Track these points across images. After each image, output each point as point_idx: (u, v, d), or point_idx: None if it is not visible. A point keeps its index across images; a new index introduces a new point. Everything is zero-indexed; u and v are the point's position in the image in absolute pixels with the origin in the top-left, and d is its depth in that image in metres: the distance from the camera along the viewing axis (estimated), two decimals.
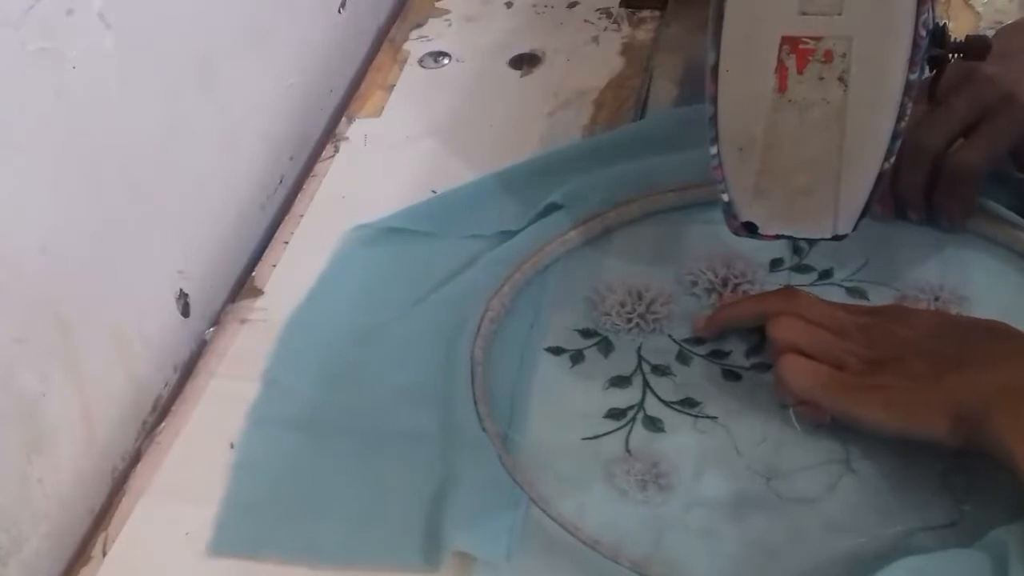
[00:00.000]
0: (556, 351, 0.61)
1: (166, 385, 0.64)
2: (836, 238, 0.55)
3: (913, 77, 0.49)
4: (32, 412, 0.53)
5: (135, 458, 0.60)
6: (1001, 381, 0.49)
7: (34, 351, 0.53)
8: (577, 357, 0.60)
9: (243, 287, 0.68)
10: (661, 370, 0.59)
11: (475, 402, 0.56)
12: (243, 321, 0.65)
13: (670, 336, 0.61)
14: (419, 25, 0.86)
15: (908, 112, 0.50)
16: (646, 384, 0.59)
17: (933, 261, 0.63)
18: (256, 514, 0.54)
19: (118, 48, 0.57)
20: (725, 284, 0.63)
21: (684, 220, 0.67)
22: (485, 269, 0.64)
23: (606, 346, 0.61)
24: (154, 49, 0.60)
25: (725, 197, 0.55)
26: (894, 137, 0.51)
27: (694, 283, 0.63)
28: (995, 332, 0.53)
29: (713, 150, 0.53)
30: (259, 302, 0.66)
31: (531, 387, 0.59)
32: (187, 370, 0.65)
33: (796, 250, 0.64)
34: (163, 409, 0.63)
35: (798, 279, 0.63)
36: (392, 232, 0.68)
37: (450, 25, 0.86)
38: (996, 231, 0.64)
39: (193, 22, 0.64)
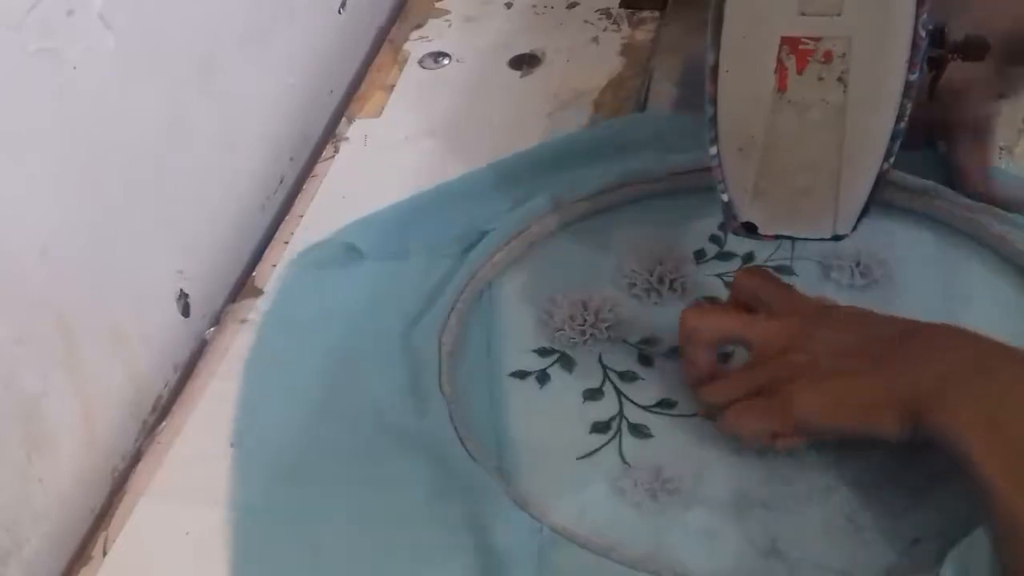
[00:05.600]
0: (520, 375, 0.60)
1: (166, 385, 0.64)
2: (836, 238, 0.55)
3: (912, 77, 0.49)
4: (32, 412, 0.53)
5: (135, 458, 0.60)
6: (940, 373, 0.49)
7: (34, 351, 0.53)
8: (543, 377, 0.60)
9: (243, 287, 0.68)
10: (628, 376, 0.59)
11: (462, 442, 0.55)
12: (243, 321, 0.65)
13: (625, 341, 0.61)
14: (419, 25, 0.87)
15: (907, 112, 0.50)
16: (619, 392, 0.59)
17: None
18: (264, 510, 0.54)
19: (118, 48, 0.57)
20: (662, 281, 0.64)
21: (600, 227, 0.68)
22: (428, 304, 0.62)
23: (567, 362, 0.61)
24: (154, 49, 0.60)
25: (725, 197, 0.55)
26: (893, 137, 0.51)
27: (632, 284, 0.64)
28: (918, 329, 0.53)
29: (713, 150, 0.53)
30: (259, 302, 0.66)
31: (507, 416, 0.58)
32: (187, 370, 0.65)
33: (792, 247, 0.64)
34: (163, 409, 0.63)
35: (723, 267, 0.64)
36: (334, 253, 0.67)
37: (450, 25, 0.86)
38: (912, 201, 0.65)
39: (193, 22, 0.64)
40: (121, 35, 0.57)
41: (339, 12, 0.83)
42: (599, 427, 0.57)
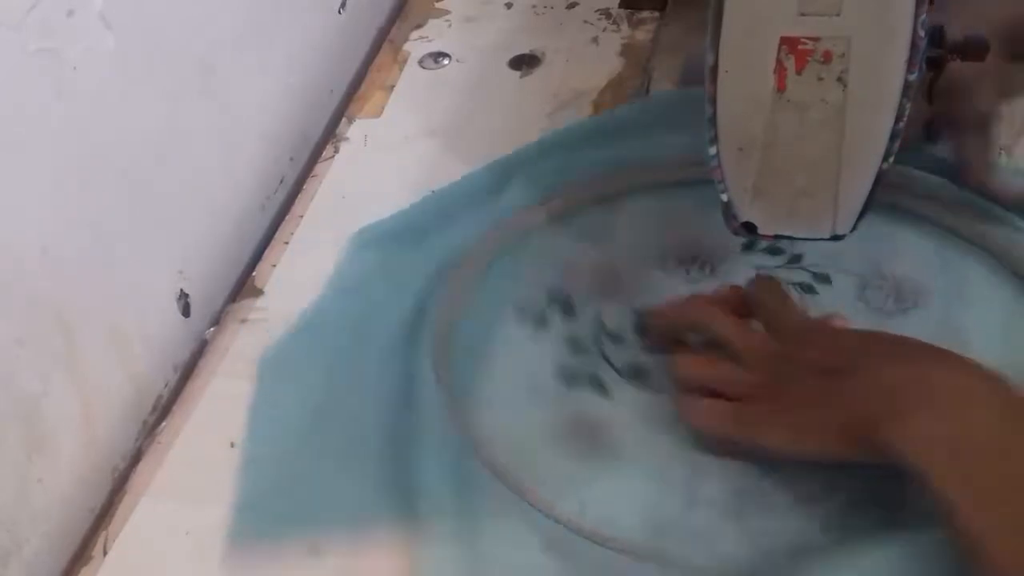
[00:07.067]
0: (522, 309, 0.63)
1: (166, 385, 0.65)
2: (835, 238, 0.55)
3: (912, 77, 0.49)
4: (32, 412, 0.53)
5: (135, 458, 0.60)
6: (883, 386, 0.49)
7: (34, 351, 0.53)
8: (540, 317, 0.62)
9: (243, 287, 0.68)
10: (616, 338, 0.61)
11: (433, 358, 0.58)
12: (243, 321, 0.65)
13: (631, 306, 0.62)
14: (419, 25, 0.87)
15: (907, 112, 0.50)
16: (601, 350, 0.60)
17: (899, 254, 0.64)
18: (266, 507, 0.55)
19: (118, 48, 0.57)
20: (694, 260, 0.64)
21: (664, 198, 0.69)
22: (466, 230, 0.66)
23: (568, 309, 0.63)
24: (154, 49, 0.60)
25: (724, 197, 0.55)
26: (893, 137, 0.51)
27: (663, 258, 0.65)
28: (883, 341, 0.53)
29: (712, 150, 0.53)
30: (259, 302, 0.66)
31: (493, 344, 0.61)
32: (187, 370, 0.65)
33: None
34: (163, 409, 0.63)
35: (769, 261, 0.64)
36: (394, 234, 0.68)
37: (450, 26, 0.86)
38: (959, 225, 0.64)
39: (193, 22, 0.64)
40: (121, 35, 0.57)
41: (339, 12, 0.83)
42: (566, 375, 0.59)
